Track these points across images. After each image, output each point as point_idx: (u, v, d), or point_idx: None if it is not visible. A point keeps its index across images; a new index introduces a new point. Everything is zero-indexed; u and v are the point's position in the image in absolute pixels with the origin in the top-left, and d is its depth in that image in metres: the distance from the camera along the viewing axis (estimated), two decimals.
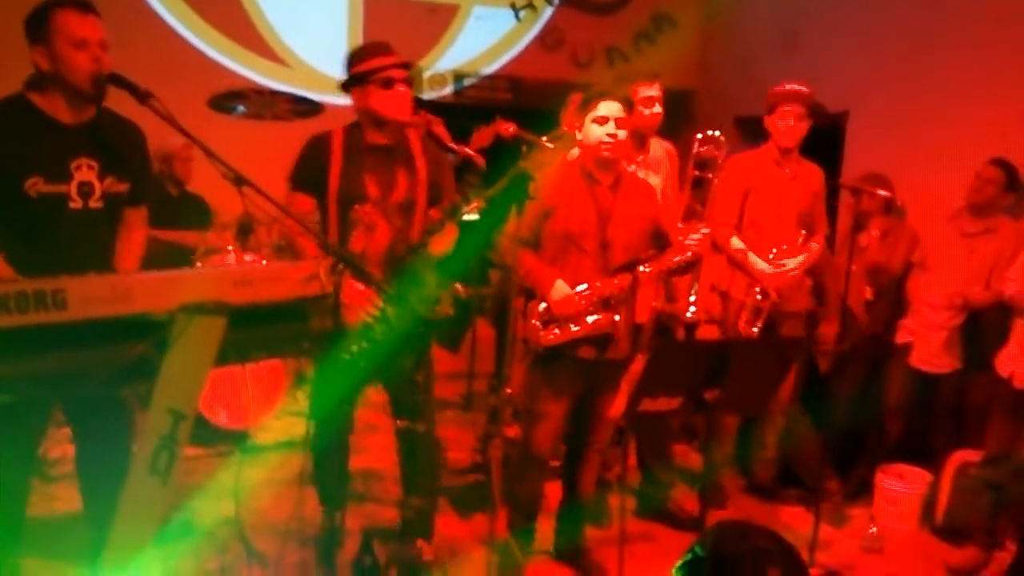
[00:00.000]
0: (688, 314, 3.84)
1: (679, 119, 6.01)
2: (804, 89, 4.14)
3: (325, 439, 3.28)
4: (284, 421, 4.84)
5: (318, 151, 3.27)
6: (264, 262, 4.78)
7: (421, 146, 3.37)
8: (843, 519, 4.37)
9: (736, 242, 4.16)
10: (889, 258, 4.67)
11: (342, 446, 3.44)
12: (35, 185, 2.67)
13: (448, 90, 7.09)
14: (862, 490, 4.52)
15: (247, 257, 4.88)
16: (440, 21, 7.13)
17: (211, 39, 6.54)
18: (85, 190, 2.76)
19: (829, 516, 4.23)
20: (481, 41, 7.26)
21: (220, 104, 6.44)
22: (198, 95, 6.25)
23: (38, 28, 2.67)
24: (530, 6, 7.35)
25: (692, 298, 3.81)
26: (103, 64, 2.66)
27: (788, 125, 4.09)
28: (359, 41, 6.93)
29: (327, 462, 3.37)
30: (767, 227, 4.16)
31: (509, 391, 5.11)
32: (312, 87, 6.83)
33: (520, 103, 7.11)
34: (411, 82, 3.29)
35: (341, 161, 3.24)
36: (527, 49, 7.41)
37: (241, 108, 6.57)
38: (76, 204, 2.75)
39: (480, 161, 3.13)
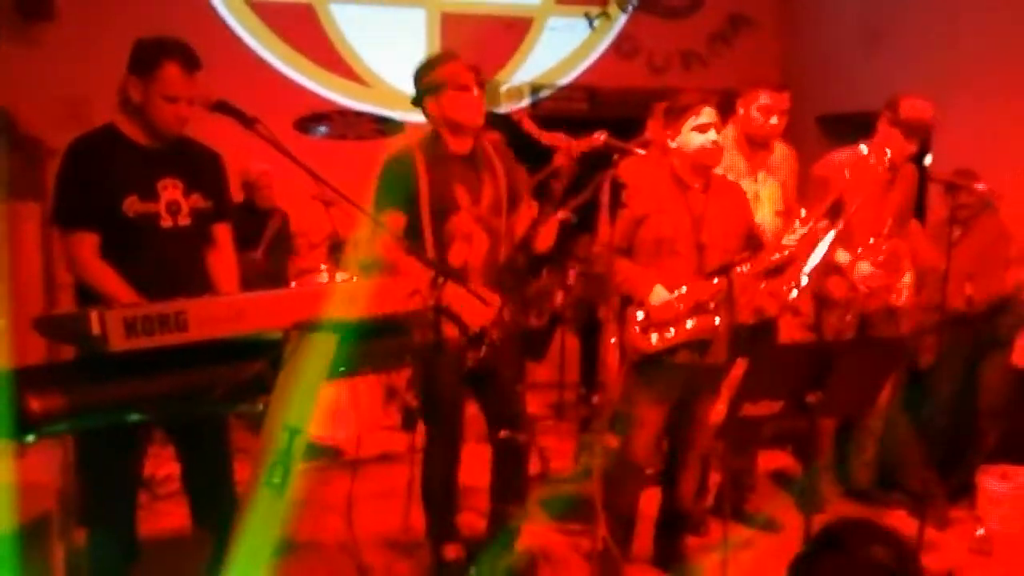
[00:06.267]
0: (791, 296, 3.65)
1: None
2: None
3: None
4: (379, 435, 4.92)
5: (402, 168, 3.29)
6: (355, 279, 4.87)
7: (494, 147, 3.42)
8: (946, 522, 4.26)
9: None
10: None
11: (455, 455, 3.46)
12: (132, 205, 2.83)
13: (525, 102, 7.12)
14: (963, 492, 4.40)
15: (339, 275, 4.98)
16: (515, 34, 7.16)
17: (294, 62, 6.69)
18: (173, 208, 2.91)
19: (932, 519, 4.13)
20: (556, 52, 7.26)
21: (305, 126, 6.59)
22: (284, 118, 6.39)
23: (142, 65, 2.83)
24: (604, 14, 7.34)
25: (804, 281, 3.65)
26: (183, 118, 2.86)
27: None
28: None
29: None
30: (859, 227, 4.07)
31: (597, 399, 5.13)
32: (393, 106, 6.92)
33: (597, 113, 7.10)
34: (483, 85, 3.33)
35: (427, 174, 3.27)
36: (602, 58, 7.37)
37: (322, 129, 6.70)
38: (167, 222, 2.90)
39: (562, 144, 3.13)
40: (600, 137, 3.12)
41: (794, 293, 3.64)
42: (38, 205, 5.15)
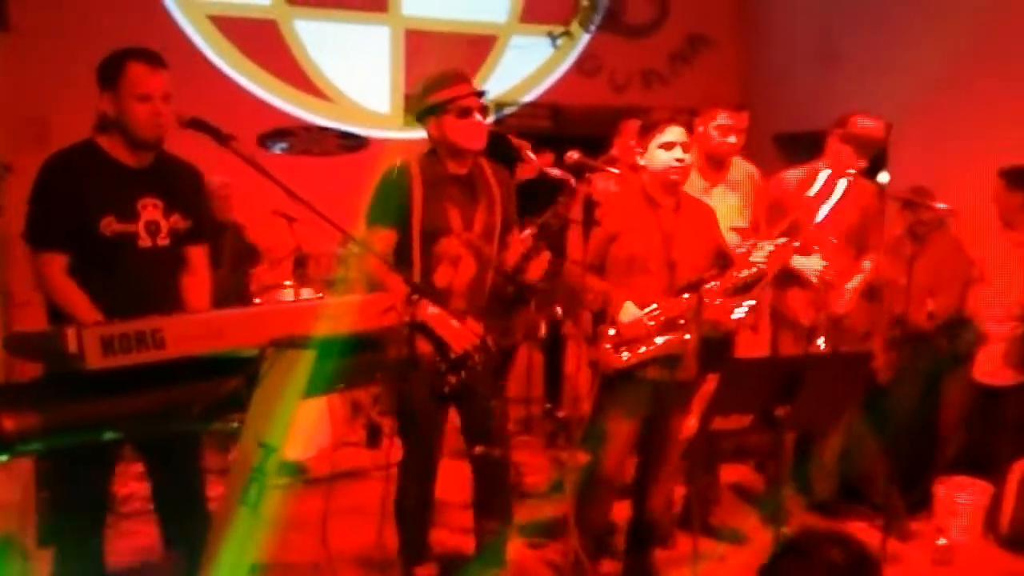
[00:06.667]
0: (734, 315, 3.49)
1: None
2: None
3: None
4: (345, 452, 4.89)
5: (398, 183, 3.22)
6: (320, 295, 4.85)
7: (492, 173, 3.39)
8: (908, 533, 4.32)
9: None
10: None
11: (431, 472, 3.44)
12: (109, 225, 2.79)
13: (489, 120, 7.13)
14: (921, 503, 4.47)
15: (304, 291, 4.95)
16: (479, 52, 7.18)
17: (258, 78, 6.65)
18: (152, 228, 2.87)
19: (893, 530, 4.18)
20: (520, 70, 7.31)
21: (269, 142, 6.56)
22: (248, 134, 6.34)
23: (109, 76, 2.80)
24: (567, 33, 7.41)
25: (751, 302, 3.65)
26: (162, 116, 2.80)
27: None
28: (401, 75, 7.06)
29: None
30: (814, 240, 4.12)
31: (562, 414, 5.13)
32: (356, 122, 6.93)
33: (561, 130, 7.16)
34: (486, 110, 3.30)
35: (423, 193, 3.22)
36: (565, 76, 7.44)
37: (282, 145, 6.67)
38: (145, 242, 2.86)
39: (571, 181, 3.12)
40: (573, 156, 3.14)
41: (741, 311, 3.61)
42: None
